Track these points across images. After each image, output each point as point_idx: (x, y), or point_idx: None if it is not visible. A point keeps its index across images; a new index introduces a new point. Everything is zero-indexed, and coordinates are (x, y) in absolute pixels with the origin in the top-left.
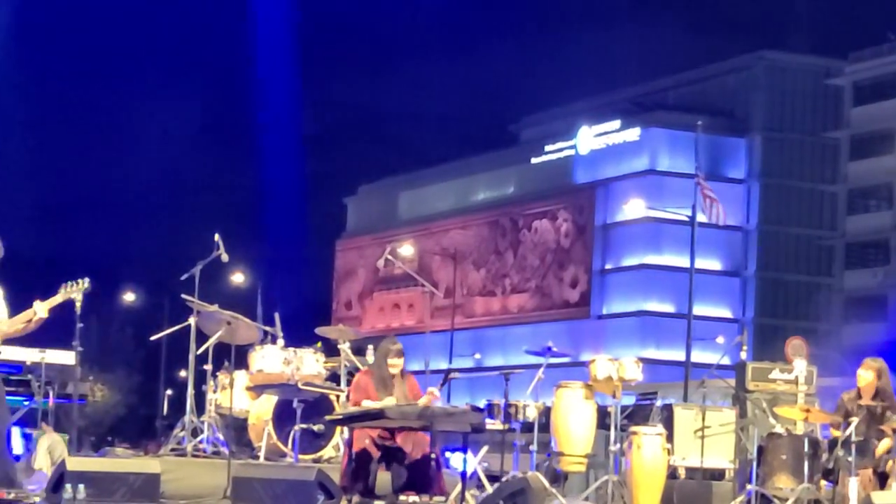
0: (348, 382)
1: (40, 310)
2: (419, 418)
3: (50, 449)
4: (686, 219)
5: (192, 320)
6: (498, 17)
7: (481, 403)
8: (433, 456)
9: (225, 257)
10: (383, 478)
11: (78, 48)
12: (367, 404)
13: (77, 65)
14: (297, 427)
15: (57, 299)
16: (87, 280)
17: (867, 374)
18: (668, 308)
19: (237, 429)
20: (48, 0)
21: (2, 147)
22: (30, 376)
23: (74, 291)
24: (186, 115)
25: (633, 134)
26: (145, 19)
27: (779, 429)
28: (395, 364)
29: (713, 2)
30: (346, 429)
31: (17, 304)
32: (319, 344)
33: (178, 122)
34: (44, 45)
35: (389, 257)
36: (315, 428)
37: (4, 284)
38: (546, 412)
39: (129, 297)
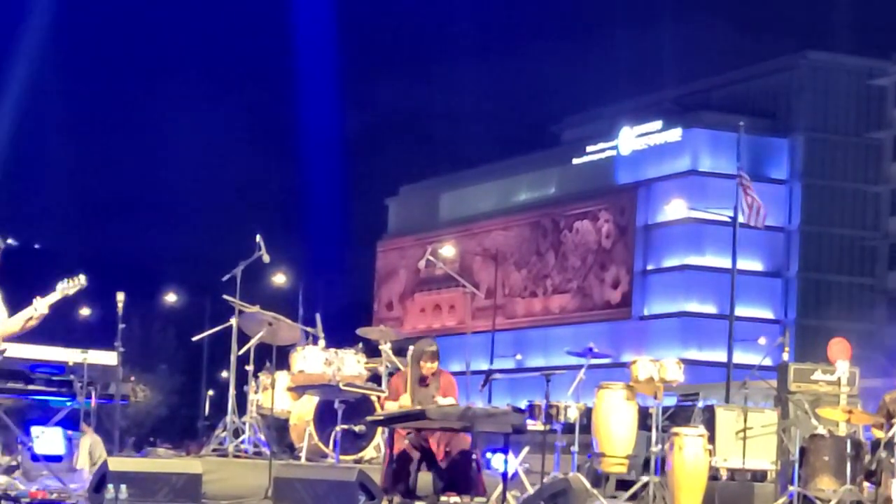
0: (388, 382)
1: (40, 306)
2: (460, 419)
3: (91, 449)
4: (728, 219)
5: (233, 321)
6: (540, 18)
7: (522, 404)
8: (474, 457)
9: (266, 258)
10: (424, 478)
11: (121, 51)
12: (389, 406)
13: (120, 67)
14: (338, 428)
15: (56, 296)
16: (82, 276)
17: None
18: (710, 309)
19: (278, 429)
20: (91, 4)
21: (46, 149)
22: (72, 377)
23: (71, 288)
24: (228, 116)
25: (675, 134)
26: (187, 22)
27: (821, 430)
28: (429, 367)
29: (757, 2)
30: (387, 429)
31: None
32: (361, 345)
33: (221, 123)
34: (88, 49)
35: (431, 258)
36: (356, 429)
37: (4, 288)
38: (587, 413)
39: (170, 297)
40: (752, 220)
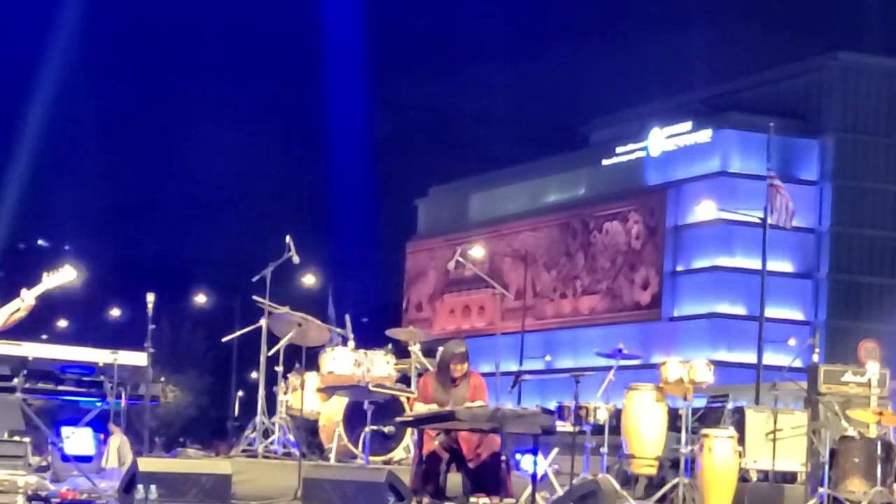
0: (418, 383)
1: (28, 297)
2: (489, 420)
3: (119, 449)
4: (758, 220)
5: (263, 322)
6: (569, 19)
7: (552, 405)
8: (503, 458)
9: (296, 259)
10: (454, 479)
11: (152, 54)
12: (418, 407)
13: (151, 70)
14: (367, 429)
15: (42, 287)
16: (68, 267)
17: None
18: (740, 310)
19: (308, 430)
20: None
21: (77, 150)
22: (102, 377)
23: (56, 279)
24: (258, 117)
25: (705, 135)
26: (218, 25)
27: (851, 432)
28: (458, 368)
29: (787, 2)
30: (416, 430)
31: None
32: (390, 346)
33: (251, 124)
34: (120, 52)
35: (460, 259)
36: (385, 430)
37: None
38: (617, 414)
39: (200, 298)
40: (780, 220)
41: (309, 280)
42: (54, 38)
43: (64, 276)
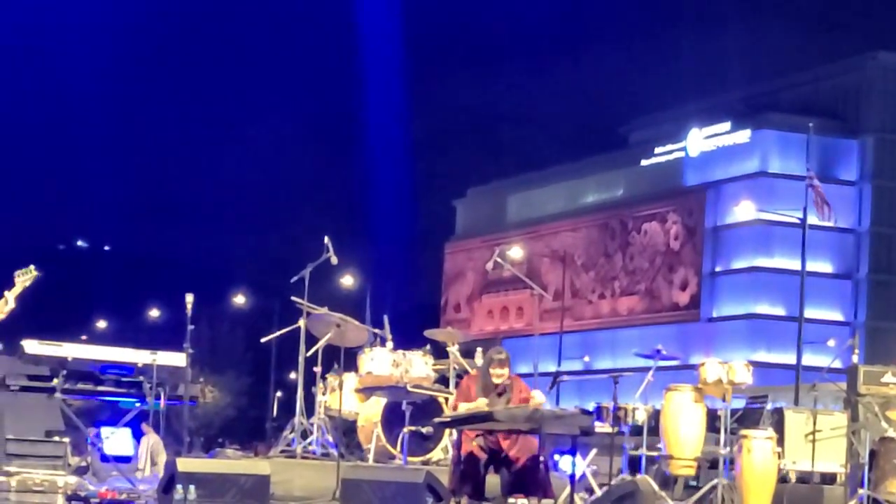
0: (457, 385)
1: (10, 300)
2: (528, 421)
3: (151, 450)
4: (797, 221)
5: (301, 322)
6: (607, 20)
7: (590, 406)
8: (542, 459)
9: (334, 260)
10: (492, 480)
11: (192, 59)
12: (463, 407)
13: (190, 77)
14: (406, 429)
15: (17, 289)
16: (32, 267)
17: None
18: (779, 311)
19: (346, 431)
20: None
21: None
22: (141, 378)
23: (27, 279)
24: (296, 120)
25: (744, 136)
26: (256, 29)
27: (891, 433)
28: (499, 374)
29: (825, 2)
30: (454, 431)
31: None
32: (428, 347)
33: (288, 127)
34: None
35: (498, 260)
36: (424, 430)
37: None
38: (655, 415)
39: (239, 299)
40: (822, 215)
41: (347, 281)
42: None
43: (31, 275)
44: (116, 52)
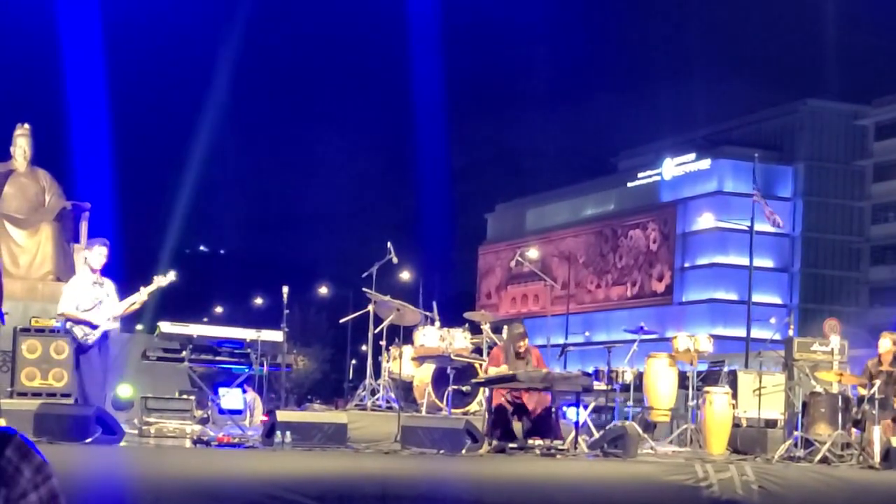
0: (489, 354)
1: (143, 294)
2: (542, 381)
3: (252, 404)
4: (746, 228)
5: (370, 307)
6: (601, 73)
7: (590, 370)
8: (553, 409)
9: (395, 259)
10: (516, 426)
11: (287, 102)
12: (493, 371)
13: (287, 114)
14: (450, 388)
15: (152, 287)
16: (172, 272)
17: (886, 344)
18: (733, 297)
19: (405, 389)
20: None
21: (229, 173)
22: (249, 350)
23: (163, 280)
24: (366, 154)
25: (706, 164)
26: (334, 77)
27: (818, 389)
28: (520, 345)
29: (768, 60)
30: (487, 389)
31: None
32: (467, 325)
33: (361, 160)
34: (266, 96)
35: (519, 259)
36: (464, 389)
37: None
38: (639, 376)
39: (323, 290)
40: (772, 223)
41: (405, 276)
42: (213, 83)
43: (168, 278)
44: (239, 92)
